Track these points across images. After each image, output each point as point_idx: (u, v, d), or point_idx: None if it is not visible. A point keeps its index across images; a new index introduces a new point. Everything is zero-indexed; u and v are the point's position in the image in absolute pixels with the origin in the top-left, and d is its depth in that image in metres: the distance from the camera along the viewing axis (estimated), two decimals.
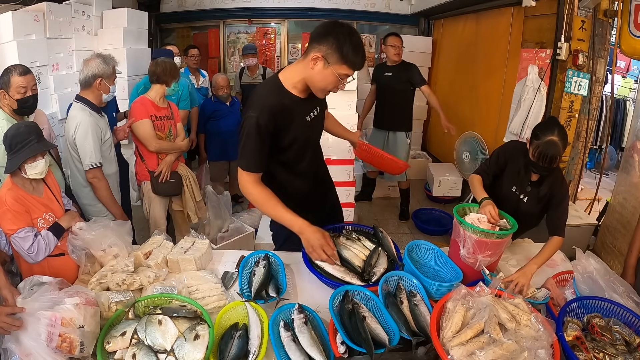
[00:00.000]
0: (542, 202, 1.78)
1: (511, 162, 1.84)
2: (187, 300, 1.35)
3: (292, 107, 1.48)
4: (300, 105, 1.52)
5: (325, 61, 1.37)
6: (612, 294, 1.38)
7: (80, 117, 2.07)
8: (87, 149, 2.06)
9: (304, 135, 1.57)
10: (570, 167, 3.03)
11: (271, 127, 1.43)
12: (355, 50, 1.36)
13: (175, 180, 2.54)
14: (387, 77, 3.58)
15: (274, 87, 1.50)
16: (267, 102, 1.44)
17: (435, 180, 4.15)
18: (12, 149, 1.51)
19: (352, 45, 1.35)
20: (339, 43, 1.35)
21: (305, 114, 1.56)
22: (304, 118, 1.55)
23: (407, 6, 5.54)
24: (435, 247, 1.66)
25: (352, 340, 1.18)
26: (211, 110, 3.63)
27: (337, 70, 1.38)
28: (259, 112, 1.41)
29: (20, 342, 1.13)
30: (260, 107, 1.42)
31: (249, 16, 5.67)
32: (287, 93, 1.49)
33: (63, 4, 3.19)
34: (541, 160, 1.62)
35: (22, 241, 1.46)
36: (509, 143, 1.96)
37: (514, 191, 1.84)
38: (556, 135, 1.61)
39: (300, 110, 1.53)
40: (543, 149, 1.61)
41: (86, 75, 2.10)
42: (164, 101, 2.50)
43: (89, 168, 2.08)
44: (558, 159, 1.61)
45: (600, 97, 3.04)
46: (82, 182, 2.17)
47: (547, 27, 2.98)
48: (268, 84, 1.56)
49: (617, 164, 5.10)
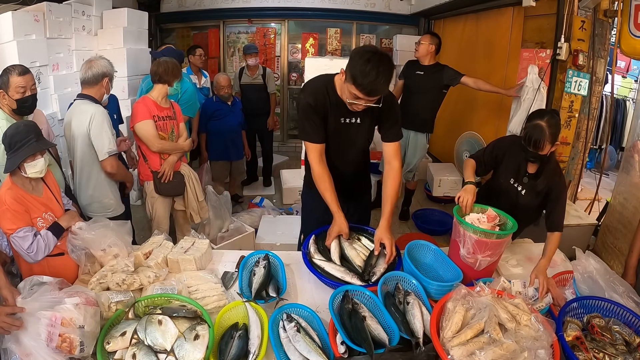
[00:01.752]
0: (540, 195, 1.81)
1: (509, 156, 1.88)
2: (187, 300, 1.35)
3: (332, 104, 1.65)
4: (339, 106, 1.65)
5: (345, 76, 1.53)
6: (612, 294, 1.38)
7: (93, 109, 2.13)
8: (105, 137, 2.13)
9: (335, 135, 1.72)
10: (570, 167, 3.03)
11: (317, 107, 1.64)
12: (364, 75, 1.43)
13: (178, 180, 2.54)
14: (418, 76, 3.42)
15: (326, 81, 1.68)
16: (316, 89, 1.66)
17: (435, 180, 4.15)
18: (11, 148, 1.50)
19: (362, 68, 1.43)
20: (352, 63, 1.47)
21: (341, 115, 1.68)
22: (338, 118, 1.69)
23: (407, 6, 5.54)
24: (435, 247, 1.66)
25: (352, 340, 1.18)
26: (212, 109, 3.63)
27: (349, 87, 1.51)
28: (307, 95, 1.66)
29: (20, 342, 1.13)
30: (309, 92, 1.67)
31: (249, 16, 5.67)
32: (334, 91, 1.66)
33: (63, 4, 3.19)
34: (527, 142, 1.69)
35: (22, 241, 1.46)
36: (507, 137, 2.01)
37: (512, 183, 1.87)
38: (545, 121, 1.67)
39: (338, 110, 1.66)
40: (529, 131, 1.68)
41: (95, 73, 2.18)
42: (166, 101, 2.50)
43: (108, 156, 2.15)
44: (544, 143, 1.66)
45: (600, 97, 3.05)
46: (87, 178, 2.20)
47: (547, 27, 2.98)
48: (323, 79, 1.71)
49: (617, 164, 5.11)
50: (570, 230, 2.71)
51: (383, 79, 1.45)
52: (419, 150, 3.59)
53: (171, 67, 2.42)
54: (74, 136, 2.13)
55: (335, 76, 1.66)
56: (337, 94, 1.65)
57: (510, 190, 1.86)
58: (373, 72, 1.43)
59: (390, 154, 1.78)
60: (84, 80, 2.19)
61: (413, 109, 3.48)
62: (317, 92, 1.65)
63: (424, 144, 3.59)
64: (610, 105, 4.46)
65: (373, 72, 1.43)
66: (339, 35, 5.81)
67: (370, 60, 1.43)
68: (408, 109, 3.53)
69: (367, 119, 1.72)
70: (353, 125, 1.72)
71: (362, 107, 1.55)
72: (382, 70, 1.44)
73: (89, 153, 2.15)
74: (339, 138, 1.73)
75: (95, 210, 2.23)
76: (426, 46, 3.33)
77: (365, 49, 1.50)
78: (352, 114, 1.68)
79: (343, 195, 1.84)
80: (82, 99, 2.16)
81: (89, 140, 2.12)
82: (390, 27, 5.86)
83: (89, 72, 2.17)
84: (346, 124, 1.71)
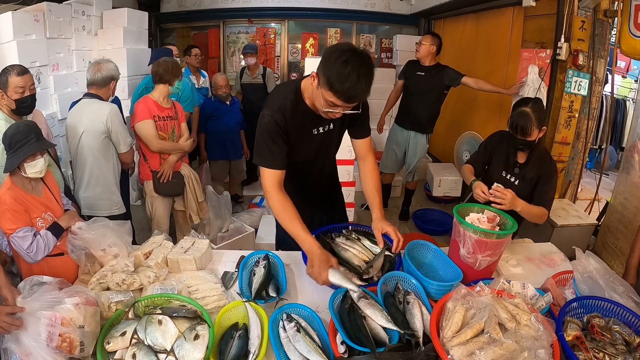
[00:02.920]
0: (532, 183, 1.86)
1: (499, 149, 1.95)
2: (187, 300, 1.35)
3: (302, 116, 1.47)
4: (310, 116, 1.48)
5: (318, 81, 1.32)
6: (612, 294, 1.38)
7: (108, 106, 2.23)
8: (125, 131, 2.27)
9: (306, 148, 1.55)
10: (570, 167, 3.03)
11: (283, 126, 1.43)
12: (342, 79, 1.22)
13: (177, 181, 2.54)
14: (418, 77, 3.39)
15: (293, 90, 1.47)
16: (283, 103, 1.44)
17: (435, 180, 4.15)
18: (11, 148, 1.51)
19: (340, 71, 1.22)
20: (327, 65, 1.26)
21: (312, 126, 1.52)
22: (310, 130, 1.52)
23: (407, 6, 5.54)
24: (435, 247, 1.66)
25: (352, 340, 1.18)
26: (211, 109, 3.64)
27: (324, 94, 1.30)
28: (274, 111, 1.42)
29: (20, 342, 1.13)
30: (276, 107, 1.43)
31: (249, 16, 5.67)
32: (302, 100, 1.47)
33: (63, 4, 3.19)
34: (514, 129, 1.75)
35: (21, 240, 1.46)
36: (495, 133, 2.05)
37: (504, 175, 1.93)
38: (529, 107, 1.73)
39: (309, 121, 1.50)
40: (515, 119, 1.75)
41: (104, 76, 2.29)
42: (167, 101, 2.51)
43: (130, 147, 2.31)
44: (531, 128, 1.72)
45: (600, 97, 3.05)
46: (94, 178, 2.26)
47: (547, 27, 2.98)
48: (289, 87, 1.51)
49: (617, 164, 5.11)
50: (570, 230, 2.71)
51: (364, 82, 1.24)
52: (419, 151, 3.58)
53: (171, 67, 2.43)
54: (87, 132, 2.17)
55: (302, 81, 1.46)
56: (306, 102, 1.45)
57: (504, 183, 1.89)
58: (353, 75, 1.22)
59: (363, 149, 1.62)
60: (93, 81, 2.27)
61: (414, 109, 3.47)
62: (285, 105, 1.42)
63: (424, 144, 3.59)
64: (610, 105, 4.46)
65: (353, 75, 1.22)
66: (339, 35, 5.81)
67: (349, 62, 1.22)
68: (408, 109, 3.52)
69: (339, 123, 1.55)
70: (326, 133, 1.55)
71: (339, 115, 1.37)
72: (363, 72, 1.23)
73: (101, 149, 2.22)
74: (311, 150, 1.57)
75: (104, 207, 2.26)
76: (427, 47, 3.32)
77: (341, 48, 1.26)
78: (323, 122, 1.51)
79: (316, 204, 1.79)
80: (91, 98, 2.21)
81: (105, 136, 2.20)
82: (390, 27, 5.86)
83: (98, 75, 2.25)
84: (319, 134, 1.54)
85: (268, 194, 1.47)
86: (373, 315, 1.25)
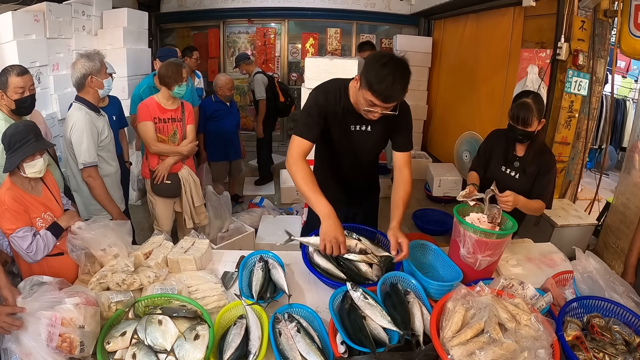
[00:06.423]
0: (533, 177, 1.88)
1: (497, 146, 1.98)
2: (187, 300, 1.35)
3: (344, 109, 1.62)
4: (350, 112, 1.62)
5: (360, 83, 1.47)
6: (612, 294, 1.38)
7: (76, 116, 2.08)
8: (82, 148, 2.07)
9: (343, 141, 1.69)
10: (570, 167, 3.03)
11: (323, 107, 1.60)
12: (380, 80, 1.39)
13: (173, 183, 2.53)
14: None
15: (342, 85, 1.64)
16: (330, 90, 1.62)
17: (435, 180, 4.15)
18: (10, 148, 1.50)
19: (379, 73, 1.39)
20: (368, 68, 1.43)
21: (351, 122, 1.65)
22: (348, 125, 1.66)
23: (407, 6, 5.54)
24: (435, 247, 1.66)
25: (352, 340, 1.18)
26: (212, 110, 3.64)
27: (364, 94, 1.46)
28: (319, 93, 1.62)
29: (20, 342, 1.13)
30: (323, 91, 1.63)
31: (249, 16, 5.68)
32: (347, 96, 1.62)
33: (63, 4, 3.19)
34: (515, 120, 1.78)
35: (21, 240, 1.46)
36: (491, 132, 2.08)
37: (504, 170, 1.95)
38: (530, 99, 1.77)
39: (349, 116, 1.63)
40: (515, 110, 1.79)
41: (77, 77, 2.13)
42: (173, 102, 2.49)
43: (83, 167, 2.09)
44: (532, 118, 1.76)
45: (600, 97, 3.05)
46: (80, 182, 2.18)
47: (547, 27, 2.98)
48: (339, 82, 1.66)
49: (617, 164, 5.11)
50: (570, 230, 2.71)
51: (400, 84, 1.41)
52: None
53: (171, 72, 2.42)
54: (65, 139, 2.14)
55: (350, 82, 1.63)
56: (350, 101, 1.61)
57: (505, 178, 1.91)
58: (389, 78, 1.39)
59: (401, 162, 1.71)
60: (73, 85, 2.18)
61: None
62: (330, 93, 1.62)
63: None
64: (610, 105, 4.46)
65: (389, 77, 1.38)
66: (339, 35, 5.82)
67: (387, 65, 1.40)
68: None
69: (379, 127, 1.67)
70: (363, 132, 1.68)
71: (378, 115, 1.50)
72: (399, 75, 1.40)
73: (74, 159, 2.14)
74: (347, 144, 1.71)
75: (101, 209, 2.22)
76: None
77: (381, 54, 1.48)
78: (363, 122, 1.64)
79: (348, 197, 1.85)
80: (76, 102, 2.15)
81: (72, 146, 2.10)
82: (390, 27, 5.86)
83: (73, 78, 2.15)
84: (356, 132, 1.68)
85: (292, 159, 1.57)
86: (373, 315, 1.26)
